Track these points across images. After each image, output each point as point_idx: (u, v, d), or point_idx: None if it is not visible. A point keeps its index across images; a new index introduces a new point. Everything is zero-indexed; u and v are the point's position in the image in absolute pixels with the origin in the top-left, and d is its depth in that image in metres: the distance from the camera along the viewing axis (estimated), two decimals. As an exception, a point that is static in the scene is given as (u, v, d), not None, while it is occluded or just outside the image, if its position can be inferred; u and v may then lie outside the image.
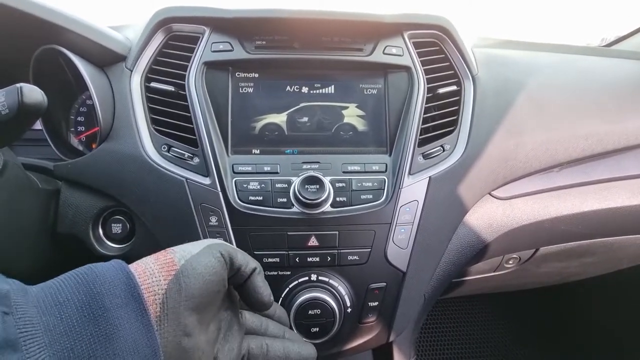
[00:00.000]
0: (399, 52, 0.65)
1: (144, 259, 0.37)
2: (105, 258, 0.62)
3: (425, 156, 0.63)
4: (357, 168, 0.61)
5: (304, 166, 0.61)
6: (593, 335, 1.33)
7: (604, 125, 0.73)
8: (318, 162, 0.61)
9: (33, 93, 0.40)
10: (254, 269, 0.41)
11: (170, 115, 0.61)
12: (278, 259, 0.58)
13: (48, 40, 0.58)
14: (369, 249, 0.59)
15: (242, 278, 0.41)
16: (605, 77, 0.81)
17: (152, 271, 0.34)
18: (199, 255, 0.37)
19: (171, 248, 0.38)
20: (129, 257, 0.62)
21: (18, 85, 0.40)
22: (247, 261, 0.41)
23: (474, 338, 1.39)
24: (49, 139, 0.65)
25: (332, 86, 0.66)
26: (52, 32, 0.56)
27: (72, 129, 0.72)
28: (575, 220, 0.75)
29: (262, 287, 0.42)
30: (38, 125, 0.73)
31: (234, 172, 0.60)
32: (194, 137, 0.59)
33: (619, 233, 0.83)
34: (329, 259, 0.59)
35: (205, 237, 0.57)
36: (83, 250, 0.62)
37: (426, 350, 1.34)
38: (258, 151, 0.63)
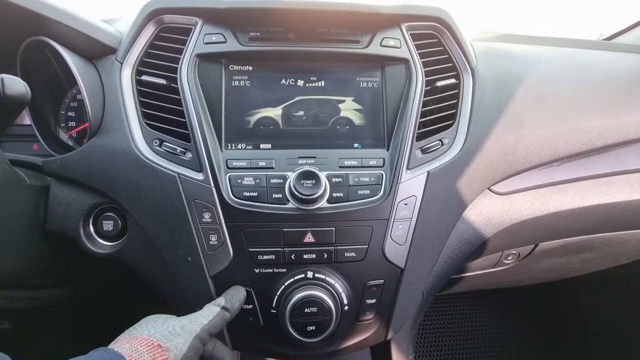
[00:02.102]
0: (396, 44, 0.64)
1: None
2: (97, 255, 0.61)
3: (424, 150, 0.62)
4: (354, 163, 0.60)
5: (300, 161, 0.59)
6: (592, 331, 1.33)
7: (604, 119, 0.72)
8: (314, 157, 0.60)
9: (15, 85, 0.39)
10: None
11: (162, 109, 0.60)
12: (273, 256, 0.57)
13: (35, 32, 0.56)
14: (366, 246, 0.58)
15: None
16: (606, 71, 0.79)
17: None
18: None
19: (166, 346, 0.43)
20: (121, 254, 0.61)
21: (-1, 76, 0.38)
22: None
23: (473, 334, 1.39)
24: (38, 135, 0.64)
25: (329, 79, 0.64)
26: (39, 24, 0.54)
27: (63, 124, 0.70)
28: (575, 216, 0.74)
29: None
30: (27, 120, 0.72)
31: (228, 167, 0.58)
32: (187, 132, 0.58)
33: (618, 228, 0.82)
34: (326, 255, 0.58)
35: (198, 233, 0.56)
36: (74, 248, 0.61)
37: (424, 347, 1.34)
38: (252, 146, 0.62)
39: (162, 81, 0.60)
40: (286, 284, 0.57)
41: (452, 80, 0.66)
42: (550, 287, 1.24)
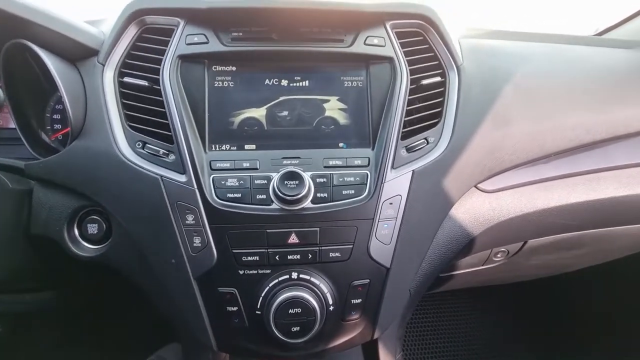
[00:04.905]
0: (380, 42, 0.63)
1: None
2: (82, 259, 0.61)
3: (409, 149, 0.62)
4: (338, 163, 0.60)
5: (284, 162, 0.59)
6: (583, 327, 1.33)
7: (592, 115, 0.72)
8: (299, 157, 0.60)
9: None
10: None
11: (144, 111, 0.59)
12: (257, 257, 0.57)
13: (15, 34, 0.56)
14: (351, 245, 0.58)
15: None
16: (594, 67, 0.79)
17: None
18: None
19: None
20: (107, 257, 0.61)
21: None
22: None
23: (463, 333, 1.38)
24: (22, 138, 0.63)
25: (313, 79, 0.64)
26: (17, 26, 0.54)
27: (49, 127, 0.70)
28: (563, 212, 0.73)
29: None
30: (11, 124, 0.71)
31: (212, 169, 0.58)
32: (170, 134, 0.58)
33: (607, 224, 0.82)
34: (310, 256, 0.57)
35: (181, 235, 0.56)
36: (59, 252, 0.60)
37: (413, 346, 1.34)
38: (237, 147, 0.61)
39: (145, 83, 0.59)
40: (270, 285, 0.57)
41: (438, 79, 0.65)
42: (543, 284, 1.24)
